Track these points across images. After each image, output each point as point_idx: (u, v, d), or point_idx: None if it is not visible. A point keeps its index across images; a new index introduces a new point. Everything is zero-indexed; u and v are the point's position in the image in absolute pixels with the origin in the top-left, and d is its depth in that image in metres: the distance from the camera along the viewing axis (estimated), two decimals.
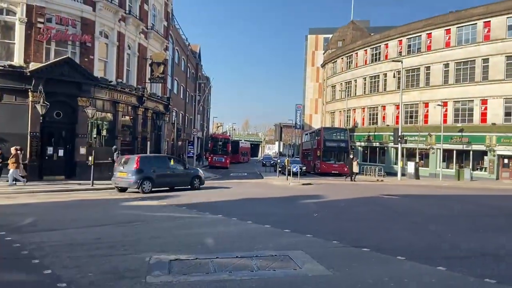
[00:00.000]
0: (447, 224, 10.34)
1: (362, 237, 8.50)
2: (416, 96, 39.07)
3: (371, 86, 45.47)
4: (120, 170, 17.10)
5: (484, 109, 33.92)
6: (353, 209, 13.34)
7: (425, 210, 13.61)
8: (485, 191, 22.28)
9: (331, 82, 55.04)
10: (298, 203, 14.67)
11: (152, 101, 27.33)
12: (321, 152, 38.20)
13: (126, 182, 16.79)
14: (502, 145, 31.72)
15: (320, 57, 72.76)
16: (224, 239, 8.05)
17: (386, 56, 42.80)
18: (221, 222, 10.02)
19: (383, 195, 17.71)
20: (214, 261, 6.19)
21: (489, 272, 5.89)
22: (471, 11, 35.31)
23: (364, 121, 46.31)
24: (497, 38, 33.16)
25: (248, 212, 12.01)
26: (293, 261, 6.29)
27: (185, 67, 46.21)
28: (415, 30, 39.68)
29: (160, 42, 28.78)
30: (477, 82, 34.33)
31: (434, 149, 36.39)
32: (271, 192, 18.57)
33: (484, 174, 33.63)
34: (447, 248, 7.52)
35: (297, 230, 8.81)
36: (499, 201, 16.80)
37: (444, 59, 36.82)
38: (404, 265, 6.30)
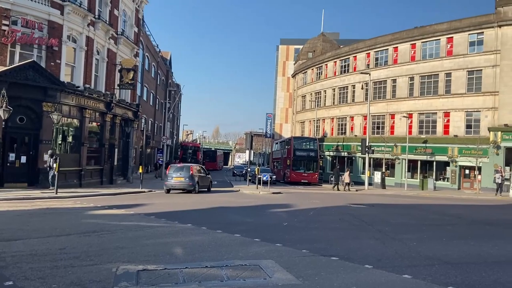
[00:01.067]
0: (412, 233, 10.63)
1: (330, 245, 8.60)
2: (383, 108, 40.20)
3: (340, 97, 46.45)
4: (177, 176, 21.63)
5: (446, 121, 35.32)
6: (322, 218, 13.49)
7: (391, 219, 13.93)
8: (447, 201, 23.08)
9: (301, 92, 55.84)
10: (268, 212, 14.72)
11: (121, 108, 26.82)
12: (291, 161, 38.59)
13: (185, 185, 21.50)
14: (463, 156, 33.05)
15: (291, 67, 73.77)
16: (194, 248, 7.95)
17: (355, 68, 43.92)
18: (190, 231, 9.90)
19: (351, 204, 18.03)
20: (184, 271, 6.10)
21: (452, 280, 6.08)
22: (435, 27, 36.85)
23: (333, 131, 47.16)
24: (459, 53, 34.73)
25: (218, 221, 11.93)
26: (263, 270, 6.28)
27: (155, 74, 45.71)
28: (382, 44, 40.98)
29: (130, 48, 28.38)
30: (440, 96, 35.74)
31: (400, 159, 37.48)
32: (241, 201, 18.54)
33: (447, 184, 34.90)
34: (413, 256, 7.72)
35: (267, 239, 8.82)
36: (460, 210, 17.43)
37: (409, 72, 38.16)
38: (371, 273, 6.41)
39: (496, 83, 32.35)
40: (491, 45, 32.91)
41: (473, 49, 34.17)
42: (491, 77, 32.70)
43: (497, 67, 32.35)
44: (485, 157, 31.79)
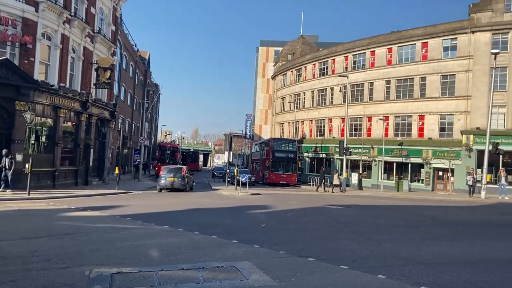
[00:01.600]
0: (387, 234, 10.82)
1: (307, 246, 8.66)
2: (360, 110, 40.81)
3: (318, 99, 46.91)
4: (170, 176, 23.99)
5: (421, 124, 36.13)
6: (300, 219, 13.57)
7: (367, 220, 14.14)
8: (422, 202, 23.59)
9: (281, 94, 56.13)
10: (246, 213, 14.71)
11: (97, 107, 26.34)
12: (270, 162, 38.70)
13: (178, 184, 23.85)
14: (437, 158, 33.88)
15: (270, 69, 74.09)
16: (170, 250, 7.88)
17: (333, 71, 44.43)
18: (167, 233, 9.80)
19: (328, 205, 18.21)
20: (159, 273, 6.03)
21: (424, 280, 6.21)
22: (411, 31, 37.67)
23: (312, 133, 47.58)
24: (433, 58, 35.60)
25: (195, 222, 11.86)
26: (239, 272, 6.28)
27: (133, 73, 45.10)
28: (360, 48, 41.61)
29: (107, 46, 27.91)
30: (415, 99, 36.54)
31: (376, 161, 38.11)
32: (219, 202, 18.48)
33: (421, 185, 35.69)
34: (387, 257, 7.86)
35: (244, 241, 8.81)
36: (433, 212, 17.84)
37: (386, 76, 38.88)
38: (347, 274, 6.49)
39: (468, 87, 33.31)
40: (464, 51, 33.88)
41: (447, 54, 35.10)
42: (464, 82, 33.66)
43: (469, 72, 33.32)
44: (458, 160, 32.68)
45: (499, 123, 31.82)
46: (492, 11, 32.79)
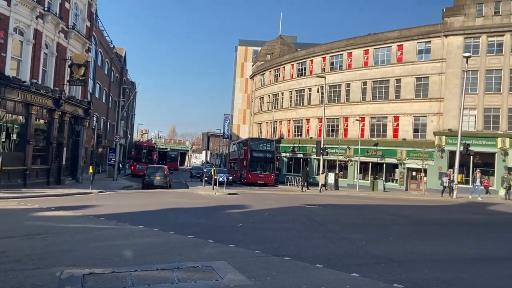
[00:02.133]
0: (362, 232, 10.98)
1: (283, 246, 8.70)
2: (337, 111, 41.32)
3: (296, 99, 47.24)
4: (154, 175, 27.21)
5: (396, 125, 36.88)
6: (276, 219, 13.63)
7: (342, 219, 14.33)
8: (396, 201, 24.08)
9: (259, 93, 56.23)
10: (223, 213, 14.67)
11: (71, 105, 25.73)
12: (248, 162, 38.71)
13: (161, 182, 26.90)
14: (411, 159, 34.65)
15: (249, 68, 74.06)
16: (144, 251, 7.77)
17: (311, 72, 44.83)
18: (141, 233, 9.66)
19: (305, 205, 18.35)
20: (133, 274, 5.94)
21: (397, 277, 6.34)
22: (386, 34, 38.38)
23: (290, 133, 47.85)
24: (408, 61, 36.40)
25: (171, 222, 11.74)
26: (215, 271, 6.25)
27: (109, 71, 44.28)
28: (338, 49, 42.13)
29: (81, 42, 27.29)
30: (390, 100, 37.27)
31: (352, 161, 38.69)
32: (196, 202, 18.35)
33: (395, 185, 36.44)
34: (361, 255, 7.97)
35: (220, 240, 8.78)
36: (407, 211, 18.24)
37: (362, 77, 39.49)
38: (322, 272, 6.55)
39: (441, 90, 34.22)
40: (437, 54, 34.77)
41: (421, 57, 35.96)
42: (437, 84, 34.55)
43: (442, 75, 34.23)
44: (430, 160, 33.52)
45: (470, 125, 32.83)
46: (465, 16, 33.79)
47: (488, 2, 33.09)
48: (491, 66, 32.63)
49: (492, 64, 32.61)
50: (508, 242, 10.27)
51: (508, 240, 10.62)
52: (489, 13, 32.97)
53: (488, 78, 32.73)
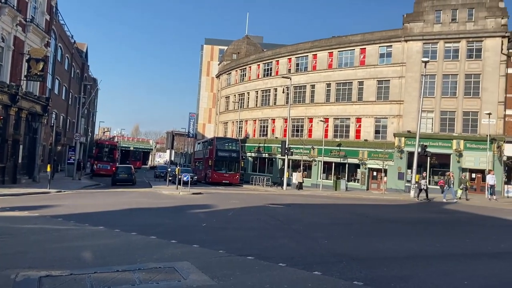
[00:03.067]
0: (324, 231, 11.20)
1: (247, 245, 8.74)
2: (302, 112, 41.87)
3: (262, 99, 47.47)
4: (122, 174, 32.04)
5: (358, 126, 37.84)
6: (241, 218, 13.65)
7: (306, 218, 14.53)
8: (357, 201, 24.71)
9: (225, 93, 56.08)
10: (187, 213, 14.53)
11: (28, 101, 24.64)
12: (213, 161, 38.52)
13: (128, 179, 31.53)
14: (372, 159, 35.65)
15: (215, 67, 73.69)
16: (105, 252, 7.58)
17: (277, 72, 45.18)
18: (101, 234, 9.41)
19: (269, 204, 18.47)
20: (92, 276, 5.78)
21: (357, 275, 6.50)
22: (350, 37, 39.29)
23: (255, 133, 48.02)
24: (370, 64, 37.43)
25: (133, 222, 11.50)
26: (178, 272, 6.19)
27: (69, 66, 42.76)
28: (303, 50, 42.70)
29: (40, 36, 26.19)
30: (353, 102, 38.19)
31: (316, 161, 39.33)
32: (159, 201, 18.06)
33: (357, 185, 37.38)
34: (323, 254, 8.13)
35: (184, 241, 8.70)
36: (368, 210, 18.76)
37: (327, 79, 40.23)
38: (285, 271, 6.63)
39: (401, 92, 35.42)
40: (398, 58, 35.97)
41: (383, 61, 37.08)
42: (397, 87, 35.73)
43: (402, 78, 35.45)
44: (390, 161, 34.64)
45: (427, 127, 34.18)
46: (424, 22, 35.14)
47: (445, 9, 34.58)
48: (447, 71, 34.12)
49: (449, 69, 34.12)
50: (462, 239, 10.77)
51: (462, 238, 11.14)
52: (446, 20, 34.46)
53: (444, 82, 34.21)
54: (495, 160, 31.56)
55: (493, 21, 32.87)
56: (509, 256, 8.84)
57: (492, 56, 32.64)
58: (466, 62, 33.58)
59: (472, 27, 33.51)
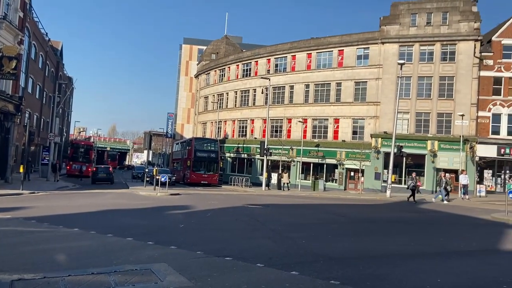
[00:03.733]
0: (302, 231, 11.27)
1: (225, 246, 8.71)
2: (281, 112, 42.08)
3: (241, 100, 47.46)
4: (102, 173, 35.44)
5: (336, 127, 38.29)
6: (219, 219, 13.60)
7: (284, 218, 14.60)
8: (335, 201, 24.98)
9: (204, 93, 55.81)
10: (165, 214, 14.37)
11: (0, 100, 23.90)
12: (191, 162, 38.27)
13: (107, 178, 34.91)
14: (350, 159, 36.14)
15: (194, 67, 73.24)
16: (79, 254, 7.42)
17: (256, 73, 45.26)
18: (76, 236, 9.21)
19: (248, 205, 18.47)
20: (66, 279, 5.65)
21: (334, 274, 6.57)
22: (328, 39, 39.72)
23: (234, 133, 47.97)
24: (348, 65, 37.94)
25: (109, 224, 11.31)
26: (154, 274, 6.11)
27: (43, 65, 41.70)
28: (282, 51, 42.92)
29: (13, 34, 25.44)
30: (331, 103, 38.62)
31: (295, 161, 39.59)
32: (137, 203, 17.82)
33: (335, 185, 37.81)
34: (301, 254, 8.18)
35: (161, 242, 8.60)
36: (345, 210, 18.99)
37: (305, 80, 40.55)
38: (263, 271, 6.63)
39: (378, 94, 36.04)
40: (375, 60, 36.58)
41: (360, 62, 37.64)
42: (374, 89, 36.34)
43: (379, 80, 36.07)
44: (367, 161, 35.19)
45: (403, 128, 34.88)
46: (400, 25, 35.86)
47: (421, 12, 35.38)
48: (422, 73, 34.92)
49: (424, 72, 34.92)
50: (437, 238, 11.02)
51: (436, 236, 11.40)
52: (421, 23, 35.25)
53: (420, 84, 34.99)
54: (468, 160, 32.48)
55: (466, 25, 33.83)
56: (480, 254, 9.10)
57: (465, 59, 33.58)
58: (441, 64, 34.44)
59: (446, 31, 34.40)
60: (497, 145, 32.59)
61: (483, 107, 33.14)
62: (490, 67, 33.23)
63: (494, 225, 14.22)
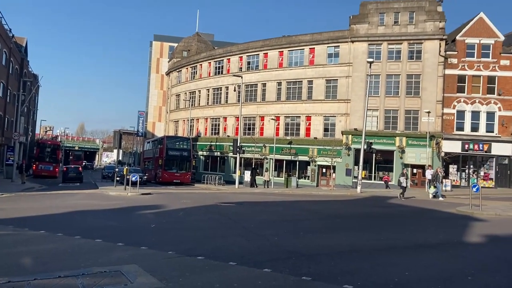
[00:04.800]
0: (275, 228, 11.34)
1: (198, 245, 8.65)
2: (253, 110, 42.14)
3: (214, 97, 47.20)
4: (72, 173, 37.18)
5: (308, 124, 38.69)
6: (192, 218, 13.49)
7: (257, 216, 14.64)
8: (307, 197, 25.25)
9: (176, 91, 55.16)
10: (135, 214, 14.13)
11: None
12: (163, 161, 37.77)
13: (77, 178, 36.74)
14: (321, 156, 36.59)
15: (165, 64, 72.19)
16: (46, 257, 7.20)
17: (228, 71, 45.10)
18: (43, 239, 8.93)
19: (221, 203, 18.41)
20: (32, 283, 5.49)
21: (306, 271, 6.65)
22: (300, 37, 40.03)
23: (207, 131, 47.68)
24: (319, 63, 38.38)
25: (77, 226, 11.02)
26: (124, 276, 6.00)
27: (6, 61, 40.11)
28: (254, 49, 42.94)
29: None
30: (303, 101, 38.98)
31: (268, 159, 39.76)
32: (106, 203, 17.42)
33: (307, 181, 38.24)
34: (273, 251, 8.22)
35: (131, 243, 8.46)
36: (317, 206, 19.23)
37: (277, 78, 40.75)
38: (235, 270, 6.63)
39: (349, 92, 36.65)
40: (345, 58, 37.16)
41: (331, 60, 38.16)
42: (345, 87, 36.93)
43: (349, 78, 36.69)
44: (338, 158, 35.75)
45: (373, 125, 35.64)
46: (369, 24, 36.56)
47: (389, 12, 36.19)
48: (391, 71, 35.76)
49: (392, 70, 35.77)
50: (405, 232, 11.32)
51: (405, 230, 11.70)
52: (389, 22, 36.06)
53: (388, 82, 35.82)
54: (434, 156, 33.54)
55: (432, 24, 34.86)
56: (446, 246, 9.41)
57: (431, 58, 34.62)
58: (408, 63, 35.37)
59: (413, 30, 35.34)
60: (461, 141, 33.82)
61: (448, 104, 34.29)
62: (454, 66, 34.41)
63: (459, 218, 14.75)
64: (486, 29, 34.35)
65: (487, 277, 6.86)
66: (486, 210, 16.32)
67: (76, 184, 33.68)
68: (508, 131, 33.87)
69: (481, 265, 7.71)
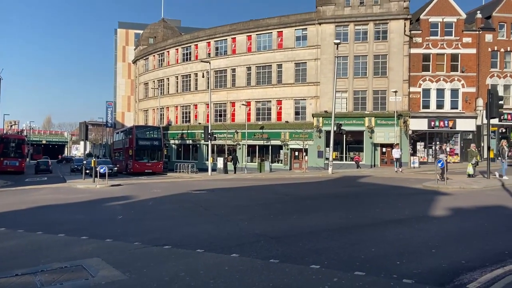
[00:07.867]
0: (245, 214, 11.30)
1: (165, 235, 8.50)
2: (224, 96, 41.72)
3: (183, 85, 46.40)
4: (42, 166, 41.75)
5: (279, 109, 38.69)
6: (161, 207, 13.28)
7: (229, 202, 14.58)
8: (280, 181, 25.38)
9: (144, 79, 53.91)
10: (103, 207, 13.78)
11: None
12: (133, 151, 37.07)
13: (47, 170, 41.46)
14: (293, 140, 36.76)
15: (131, 52, 70.30)
16: (4, 255, 6.91)
17: (196, 57, 44.32)
18: (2, 236, 8.57)
19: (192, 191, 18.23)
20: None
21: (273, 253, 6.63)
22: (267, 20, 39.66)
23: (178, 119, 46.96)
24: (288, 47, 38.21)
25: (39, 221, 10.64)
26: (86, 270, 5.81)
27: None
28: (222, 34, 42.28)
29: None
30: (273, 85, 38.86)
31: (241, 145, 39.64)
32: (73, 197, 16.92)
33: (281, 165, 38.43)
34: (243, 236, 8.18)
35: (96, 236, 8.23)
36: (289, 189, 19.35)
37: (247, 62, 40.36)
38: (202, 257, 6.55)
39: (318, 74, 36.75)
40: (313, 41, 37.13)
41: (299, 43, 38.05)
42: (313, 69, 37.00)
43: (318, 60, 36.74)
44: (310, 140, 36.01)
45: (342, 107, 35.98)
46: (335, 5, 36.54)
47: None
48: (358, 52, 36.01)
49: (359, 51, 36.02)
50: (373, 210, 11.53)
51: (372, 208, 11.91)
52: (355, 3, 36.16)
53: (356, 63, 36.10)
54: (402, 134, 34.24)
55: (396, 4, 35.19)
56: (411, 221, 9.63)
57: (397, 38, 35.05)
58: (374, 43, 35.69)
59: (378, 10, 35.58)
60: (427, 118, 34.67)
61: (414, 83, 34.96)
62: (419, 45, 35.00)
63: (425, 193, 15.15)
64: (448, 7, 34.99)
65: (450, 248, 7.05)
66: (451, 184, 16.85)
67: (44, 178, 32.62)
68: (471, 107, 34.93)
69: (445, 237, 7.93)
